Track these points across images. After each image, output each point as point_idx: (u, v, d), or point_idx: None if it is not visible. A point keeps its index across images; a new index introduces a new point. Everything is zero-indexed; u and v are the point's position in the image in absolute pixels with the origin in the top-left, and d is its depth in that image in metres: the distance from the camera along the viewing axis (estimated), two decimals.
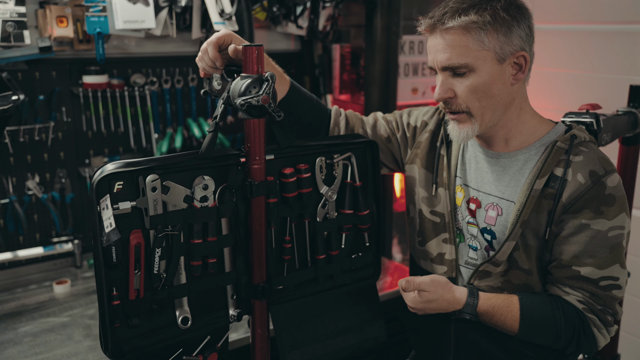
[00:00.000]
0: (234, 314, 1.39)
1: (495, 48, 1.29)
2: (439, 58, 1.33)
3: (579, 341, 1.34)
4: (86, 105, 2.24)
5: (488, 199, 1.43)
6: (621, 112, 1.95)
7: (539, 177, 1.34)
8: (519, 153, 1.40)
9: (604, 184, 1.31)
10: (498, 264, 1.39)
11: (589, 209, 1.31)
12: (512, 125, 1.39)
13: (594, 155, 1.34)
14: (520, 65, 1.33)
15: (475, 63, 1.29)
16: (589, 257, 1.32)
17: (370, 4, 2.40)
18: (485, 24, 1.28)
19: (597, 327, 1.35)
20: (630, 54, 2.30)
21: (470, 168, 1.48)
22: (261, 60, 1.26)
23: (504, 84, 1.33)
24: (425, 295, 1.35)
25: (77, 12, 2.03)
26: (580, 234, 1.32)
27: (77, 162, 2.29)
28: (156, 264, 1.25)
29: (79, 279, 2.23)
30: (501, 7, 1.29)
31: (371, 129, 1.62)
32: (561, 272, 1.35)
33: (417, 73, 2.63)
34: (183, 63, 2.40)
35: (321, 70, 2.64)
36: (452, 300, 1.36)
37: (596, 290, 1.33)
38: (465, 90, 1.32)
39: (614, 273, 1.33)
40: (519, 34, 1.31)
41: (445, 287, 1.36)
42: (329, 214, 1.47)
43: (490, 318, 1.36)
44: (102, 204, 1.16)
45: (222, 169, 1.31)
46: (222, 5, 2.13)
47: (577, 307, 1.34)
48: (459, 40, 1.29)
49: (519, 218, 1.35)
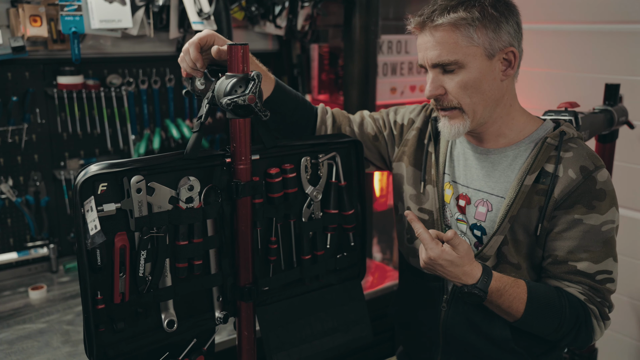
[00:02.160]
0: (220, 316, 1.37)
1: (484, 44, 1.31)
2: (428, 55, 1.34)
3: (579, 331, 1.35)
4: (61, 106, 2.20)
5: (478, 195, 1.44)
6: (597, 110, 1.99)
7: (530, 172, 1.36)
8: (508, 149, 1.41)
9: (594, 179, 1.33)
10: (486, 259, 1.40)
11: (581, 204, 1.33)
12: (502, 121, 1.41)
13: (583, 151, 1.36)
14: (510, 60, 1.35)
15: (465, 59, 1.31)
16: (583, 252, 1.34)
17: (349, 4, 2.40)
18: (473, 20, 1.29)
19: (597, 318, 1.37)
20: (605, 53, 2.35)
21: (459, 165, 1.49)
22: (247, 59, 1.24)
23: (494, 80, 1.34)
24: (452, 255, 1.26)
25: (51, 11, 1.98)
26: (574, 229, 1.34)
27: (52, 164, 2.24)
28: (141, 266, 1.22)
29: (55, 284, 2.18)
30: (489, 4, 1.31)
31: (358, 127, 1.62)
32: (558, 268, 1.37)
33: (395, 73, 2.64)
34: (160, 63, 2.37)
35: (300, 70, 2.63)
36: (469, 272, 1.29)
37: (594, 284, 1.35)
38: (456, 86, 1.33)
39: (608, 267, 1.36)
40: (508, 30, 1.33)
41: (471, 259, 1.30)
42: (314, 214, 1.47)
43: (498, 298, 1.31)
44: (86, 206, 1.14)
45: (207, 170, 1.30)
46: (200, 5, 2.11)
47: (580, 298, 1.35)
48: (448, 37, 1.30)
49: (508, 213, 1.36)
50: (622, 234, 2.31)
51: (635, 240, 2.34)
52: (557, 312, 1.33)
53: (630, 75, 2.25)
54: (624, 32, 2.27)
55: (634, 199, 2.33)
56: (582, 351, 2.25)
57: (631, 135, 2.26)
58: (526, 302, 1.32)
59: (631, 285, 2.37)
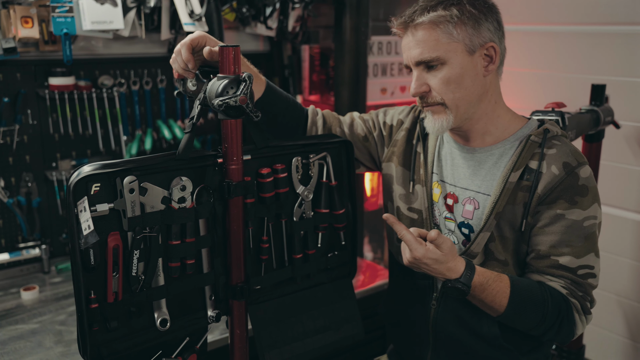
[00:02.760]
0: (213, 314, 1.39)
1: (464, 40, 1.35)
2: (411, 54, 1.38)
3: (561, 325, 1.37)
4: (52, 107, 2.20)
5: (465, 194, 1.46)
6: (584, 110, 2.02)
7: (514, 170, 1.38)
8: (494, 148, 1.44)
9: (577, 175, 1.36)
10: (474, 256, 1.43)
11: (563, 199, 1.35)
12: (487, 119, 1.43)
13: (566, 148, 1.39)
14: (491, 56, 1.39)
15: (446, 55, 1.35)
16: (565, 247, 1.37)
17: (339, 5, 2.42)
18: (452, 17, 1.34)
19: (579, 312, 1.39)
20: (591, 54, 2.38)
21: (446, 164, 1.51)
22: (238, 61, 1.26)
23: (476, 75, 1.38)
24: (436, 254, 1.28)
25: (42, 12, 1.98)
26: (556, 224, 1.36)
27: (44, 165, 2.24)
28: (134, 266, 1.24)
29: (47, 284, 2.18)
30: (467, 2, 1.37)
31: (348, 128, 1.64)
32: (541, 263, 1.39)
33: (385, 73, 2.66)
34: (152, 64, 2.38)
35: (291, 71, 2.64)
36: (453, 268, 1.31)
37: (576, 278, 1.38)
38: (439, 82, 1.36)
39: (590, 262, 1.38)
40: (488, 27, 1.37)
41: (455, 255, 1.32)
42: (305, 213, 1.49)
43: (481, 293, 1.33)
44: (80, 206, 1.15)
45: (199, 170, 1.31)
46: (192, 6, 2.12)
47: (562, 292, 1.37)
48: (429, 35, 1.35)
49: (494, 210, 1.39)
50: (608, 232, 2.36)
51: (621, 238, 2.37)
52: (539, 305, 1.35)
53: (616, 76, 2.28)
54: (610, 34, 2.31)
55: (620, 197, 2.36)
56: (570, 348, 2.28)
57: (617, 135, 2.29)
58: (509, 297, 1.34)
59: (618, 282, 2.41)
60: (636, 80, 2.24)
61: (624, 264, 2.38)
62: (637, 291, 2.36)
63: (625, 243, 2.36)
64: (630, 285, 2.38)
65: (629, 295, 2.38)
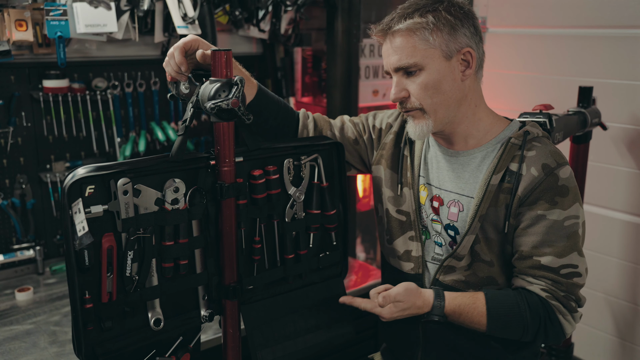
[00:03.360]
0: (206, 314, 1.41)
1: (441, 46, 1.38)
2: (390, 61, 1.42)
3: (547, 330, 1.40)
4: (47, 109, 2.21)
5: (450, 196, 1.49)
6: (571, 112, 2.05)
7: (495, 172, 1.41)
8: (476, 151, 1.47)
9: (556, 176, 1.38)
10: (460, 258, 1.46)
11: (543, 200, 1.38)
12: (469, 122, 1.46)
13: (546, 149, 1.41)
14: (468, 61, 1.41)
15: (423, 61, 1.38)
16: (547, 247, 1.39)
17: (331, 8, 2.45)
18: (428, 24, 1.37)
19: (562, 313, 1.41)
20: (578, 56, 2.41)
21: (432, 167, 1.54)
22: (230, 64, 1.28)
23: (454, 80, 1.40)
24: (400, 306, 1.40)
25: (36, 15, 2.00)
26: (537, 225, 1.39)
27: (38, 167, 2.26)
28: (128, 266, 1.26)
29: (41, 285, 2.20)
30: (443, 9, 1.39)
31: (339, 131, 1.66)
32: (523, 263, 1.42)
33: (377, 75, 2.69)
34: (145, 67, 2.39)
35: (283, 73, 2.67)
36: (422, 305, 1.41)
37: (558, 278, 1.39)
38: (417, 88, 1.40)
39: (573, 261, 1.40)
40: (464, 33, 1.39)
41: (416, 293, 1.42)
42: (297, 214, 1.51)
43: (458, 317, 1.41)
44: (74, 208, 1.17)
45: (192, 172, 1.33)
46: (185, 9, 2.14)
47: (541, 296, 1.39)
48: (406, 42, 1.39)
49: (477, 212, 1.42)
50: (596, 232, 2.39)
51: (609, 237, 2.41)
52: (518, 317, 1.39)
53: (603, 78, 2.31)
54: (597, 37, 2.34)
55: (607, 197, 2.39)
56: (559, 346, 2.31)
57: (604, 136, 2.32)
58: (486, 316, 1.40)
59: (605, 281, 2.44)
60: (622, 82, 2.27)
61: (611, 263, 2.41)
62: (624, 290, 2.39)
63: (613, 242, 2.40)
64: (618, 284, 2.41)
65: (616, 294, 2.42)
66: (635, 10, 2.21)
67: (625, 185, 2.33)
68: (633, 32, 2.22)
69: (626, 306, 2.40)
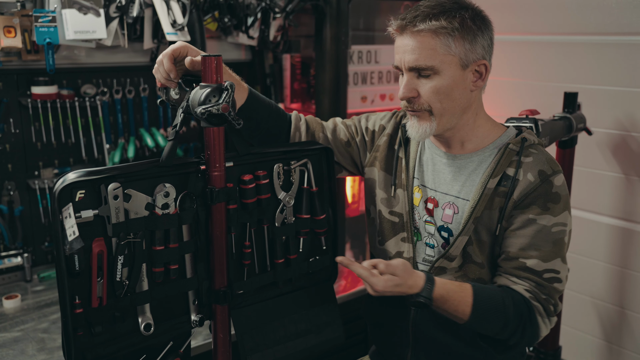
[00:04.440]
0: (196, 319, 1.41)
1: (460, 54, 1.38)
2: (406, 58, 1.40)
3: (524, 329, 1.41)
4: (35, 116, 2.21)
5: (445, 199, 1.51)
6: (557, 117, 2.08)
7: (492, 176, 1.43)
8: (474, 155, 1.49)
9: (551, 183, 1.41)
10: (452, 259, 1.47)
11: (536, 205, 1.41)
12: (469, 129, 1.48)
13: (542, 156, 1.44)
14: (481, 73, 1.43)
15: (440, 66, 1.38)
16: (534, 250, 1.41)
17: (320, 15, 2.47)
18: (453, 30, 1.37)
19: (541, 315, 1.43)
20: (563, 63, 2.45)
21: (427, 169, 1.56)
22: (220, 69, 1.29)
23: (465, 89, 1.42)
24: (394, 280, 1.34)
25: (25, 22, 2.00)
26: (527, 228, 1.41)
27: (26, 174, 2.25)
28: (118, 271, 1.26)
29: (29, 293, 2.18)
30: (469, 17, 1.39)
31: (331, 133, 1.67)
32: (509, 264, 1.44)
33: (366, 82, 2.71)
34: (134, 73, 2.40)
35: (272, 79, 2.68)
36: (412, 285, 1.36)
37: (541, 281, 1.42)
38: (429, 91, 1.40)
39: (556, 266, 1.42)
40: (482, 44, 1.41)
41: (411, 272, 1.37)
42: (287, 219, 1.51)
43: (444, 303, 1.38)
44: (65, 213, 1.17)
45: (182, 177, 1.34)
46: (174, 16, 2.15)
47: (524, 296, 1.41)
48: (428, 43, 1.37)
49: (472, 214, 1.43)
50: (582, 236, 2.42)
51: (595, 241, 2.43)
52: (501, 312, 1.39)
53: (588, 84, 2.35)
54: (582, 43, 2.38)
55: (593, 201, 2.42)
56: (546, 349, 2.33)
57: (590, 141, 2.36)
58: (472, 306, 1.39)
59: (592, 284, 2.47)
60: (607, 88, 2.31)
61: (598, 267, 2.44)
62: (611, 293, 2.42)
63: (599, 246, 2.43)
64: (604, 287, 2.44)
65: (603, 297, 2.45)
66: (618, 18, 2.25)
67: (610, 189, 2.36)
68: (616, 39, 2.26)
69: (613, 309, 2.42)
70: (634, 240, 2.32)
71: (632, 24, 2.21)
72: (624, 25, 2.24)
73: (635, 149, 2.27)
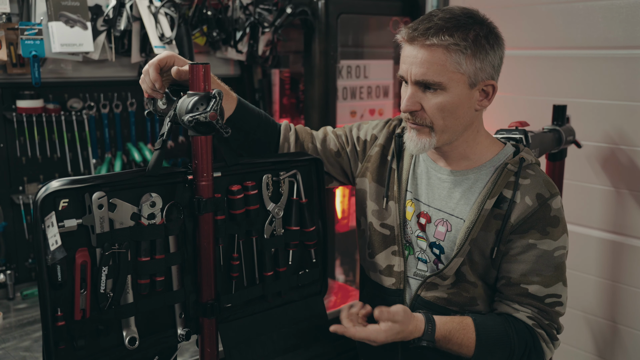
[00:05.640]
0: (183, 333, 1.37)
1: (469, 73, 1.33)
2: (414, 71, 1.34)
3: (530, 357, 1.39)
4: (20, 130, 2.18)
5: (438, 215, 1.48)
6: (547, 130, 2.08)
7: (490, 197, 1.40)
8: (470, 172, 1.46)
9: (549, 206, 1.39)
10: (445, 278, 1.45)
11: (535, 229, 1.38)
12: (467, 145, 1.45)
13: (540, 178, 1.42)
14: (488, 93, 1.39)
15: (448, 83, 1.33)
16: (536, 276, 1.39)
17: (309, 30, 2.47)
18: (466, 48, 1.31)
19: (545, 341, 1.41)
20: (552, 77, 2.46)
21: (421, 183, 1.53)
22: (208, 78, 1.28)
23: (469, 108, 1.38)
24: (395, 328, 1.33)
25: (10, 35, 1.98)
26: (528, 253, 1.39)
27: (10, 189, 2.21)
28: (103, 282, 1.22)
29: (11, 310, 2.13)
30: (483, 35, 1.33)
31: (321, 143, 1.65)
32: (511, 290, 1.42)
33: (355, 96, 2.71)
34: (122, 87, 2.38)
35: (261, 94, 2.68)
36: (414, 330, 1.35)
37: (543, 307, 1.40)
38: (434, 106, 1.35)
39: (558, 291, 1.41)
40: (493, 63, 1.36)
41: (410, 316, 1.36)
42: (275, 230, 1.49)
43: (447, 343, 1.37)
44: (47, 222, 1.14)
45: (169, 187, 1.31)
46: (162, 30, 2.14)
47: (527, 324, 1.39)
48: (438, 59, 1.31)
49: (468, 236, 1.40)
50: (573, 250, 2.39)
51: (586, 255, 2.43)
52: (505, 344, 1.37)
53: (576, 97, 2.36)
54: (569, 57, 2.39)
55: (583, 215, 2.42)
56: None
57: (579, 154, 2.36)
58: (475, 342, 1.37)
59: (584, 299, 2.45)
60: (595, 101, 2.32)
61: (589, 281, 2.43)
62: (602, 308, 2.41)
63: (590, 260, 2.42)
64: (595, 302, 2.42)
65: (594, 311, 2.43)
66: (604, 32, 2.27)
67: (600, 202, 2.36)
68: (603, 53, 2.28)
69: (604, 324, 2.41)
70: (624, 253, 2.31)
71: (618, 38, 2.23)
72: (610, 39, 2.26)
73: (624, 162, 2.27)
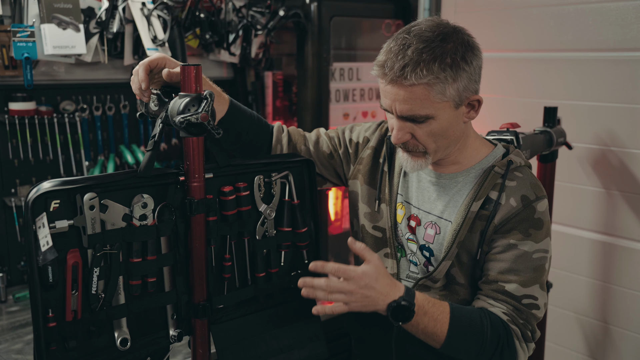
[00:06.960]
0: (175, 334, 1.37)
1: (453, 97, 1.32)
2: (398, 107, 1.33)
3: (502, 353, 1.38)
4: (12, 132, 2.18)
5: (428, 218, 1.49)
6: (538, 131, 2.09)
7: (476, 199, 1.41)
8: (459, 175, 1.47)
9: (534, 208, 1.40)
10: (436, 281, 1.46)
11: (518, 230, 1.39)
12: (459, 152, 1.46)
13: (527, 181, 1.42)
14: (474, 105, 1.39)
15: (435, 113, 1.32)
16: (513, 275, 1.39)
17: (302, 33, 2.48)
18: (447, 79, 1.29)
19: (519, 339, 1.39)
20: (543, 78, 2.48)
21: (412, 186, 1.53)
22: (199, 79, 1.28)
23: (458, 125, 1.39)
24: (364, 279, 1.28)
25: (2, 37, 1.99)
26: (508, 252, 1.39)
27: (2, 191, 2.21)
28: (94, 283, 1.22)
29: (3, 313, 2.12)
30: (460, 56, 1.30)
31: (313, 145, 1.65)
32: (488, 287, 1.42)
33: (347, 99, 2.72)
34: (115, 90, 2.38)
35: (254, 97, 2.68)
36: (389, 291, 1.30)
37: (519, 306, 1.39)
38: (424, 135, 1.36)
39: (535, 293, 1.40)
40: (473, 78, 1.35)
41: (384, 273, 1.31)
42: (268, 232, 1.49)
43: (424, 315, 1.33)
44: (38, 223, 1.14)
45: (161, 188, 1.31)
46: (155, 32, 2.15)
47: (502, 318, 1.38)
48: (421, 94, 1.30)
49: (456, 239, 1.41)
50: (564, 251, 2.42)
51: (576, 256, 2.44)
52: (479, 332, 1.35)
53: (567, 99, 2.38)
54: (560, 60, 2.41)
55: (574, 216, 2.43)
56: None
57: (570, 156, 2.38)
58: (449, 323, 1.34)
59: (575, 300, 2.46)
60: (585, 103, 2.34)
61: (580, 282, 2.44)
62: (594, 308, 2.42)
63: (581, 261, 2.43)
64: (587, 302, 2.43)
65: (586, 312, 2.44)
66: (594, 35, 2.29)
67: (591, 204, 2.37)
68: (593, 55, 2.30)
69: (596, 324, 2.42)
70: (615, 254, 2.33)
71: (609, 41, 2.25)
72: (600, 42, 2.28)
73: (615, 164, 2.29)
